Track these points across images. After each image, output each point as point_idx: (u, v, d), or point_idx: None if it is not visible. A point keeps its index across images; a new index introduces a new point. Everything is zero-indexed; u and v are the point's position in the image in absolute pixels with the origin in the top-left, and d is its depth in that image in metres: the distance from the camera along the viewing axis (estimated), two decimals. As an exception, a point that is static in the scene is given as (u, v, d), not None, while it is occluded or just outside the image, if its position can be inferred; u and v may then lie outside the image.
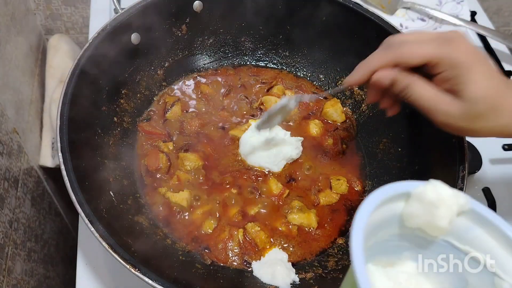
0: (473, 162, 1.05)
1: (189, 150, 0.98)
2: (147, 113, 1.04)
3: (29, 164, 1.26)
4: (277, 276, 0.82)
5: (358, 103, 1.09)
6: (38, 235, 1.27)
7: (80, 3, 1.55)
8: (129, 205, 0.86)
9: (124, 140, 0.96)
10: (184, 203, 0.89)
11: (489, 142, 1.13)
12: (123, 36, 0.93)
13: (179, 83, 1.11)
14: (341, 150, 1.04)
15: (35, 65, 1.44)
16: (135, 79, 1.01)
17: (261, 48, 1.17)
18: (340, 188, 0.97)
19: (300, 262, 0.88)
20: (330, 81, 1.14)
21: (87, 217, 0.68)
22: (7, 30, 1.23)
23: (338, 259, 0.87)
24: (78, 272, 0.88)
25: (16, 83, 1.25)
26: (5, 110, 1.14)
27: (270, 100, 1.08)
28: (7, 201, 1.09)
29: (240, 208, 0.92)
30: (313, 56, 1.14)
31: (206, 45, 1.13)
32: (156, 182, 0.94)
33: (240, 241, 0.87)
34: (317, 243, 0.91)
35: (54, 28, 1.62)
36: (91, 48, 0.86)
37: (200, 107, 1.07)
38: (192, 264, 0.83)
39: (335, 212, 0.95)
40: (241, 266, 0.85)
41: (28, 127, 1.30)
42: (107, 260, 0.88)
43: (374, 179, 1.00)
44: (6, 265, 1.04)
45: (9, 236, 1.08)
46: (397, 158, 0.98)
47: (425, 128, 0.94)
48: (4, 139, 1.11)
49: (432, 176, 0.86)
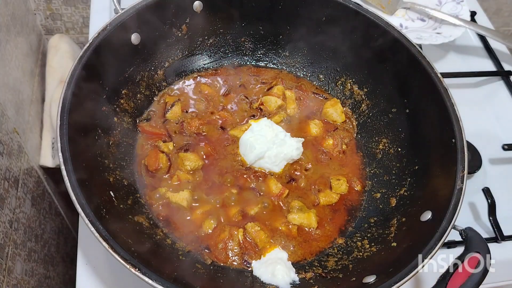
0: (473, 162, 1.05)
1: (189, 150, 0.98)
2: (147, 113, 1.04)
3: (29, 164, 1.26)
4: (277, 275, 0.82)
5: (358, 103, 1.09)
6: (38, 235, 1.27)
7: (80, 3, 1.55)
8: (129, 205, 0.86)
9: (124, 140, 0.96)
10: (184, 203, 0.89)
11: (489, 142, 1.14)
12: (123, 36, 0.93)
13: (179, 83, 1.11)
14: (341, 150, 1.04)
15: (35, 65, 1.44)
16: (135, 79, 1.01)
17: (261, 48, 1.17)
18: (340, 188, 0.98)
19: (300, 262, 0.88)
20: (330, 81, 1.14)
21: (87, 217, 0.68)
22: (7, 30, 1.23)
23: (338, 259, 0.87)
24: (78, 272, 0.88)
25: (16, 83, 1.25)
26: (5, 110, 1.14)
27: (270, 100, 1.08)
28: (7, 201, 1.09)
29: (240, 208, 0.92)
30: (313, 56, 1.14)
31: (206, 45, 1.13)
32: (156, 182, 0.94)
33: (240, 241, 0.87)
34: (317, 243, 0.91)
35: (54, 28, 1.62)
36: (91, 48, 0.86)
37: (200, 107, 1.07)
38: (192, 264, 0.83)
39: (335, 212, 0.95)
40: (241, 266, 0.85)
41: (28, 127, 1.30)
42: (107, 260, 0.88)
43: (374, 179, 1.00)
44: (6, 265, 1.04)
45: (9, 236, 1.08)
46: (397, 158, 0.98)
47: (425, 128, 0.94)
48: (4, 139, 1.11)
49: (432, 176, 0.87)
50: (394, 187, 0.95)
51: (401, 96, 0.99)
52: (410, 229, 0.83)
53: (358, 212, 0.96)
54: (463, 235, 0.75)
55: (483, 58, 1.36)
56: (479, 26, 1.30)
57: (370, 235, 0.90)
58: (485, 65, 1.34)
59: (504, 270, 0.97)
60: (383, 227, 0.89)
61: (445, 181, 0.81)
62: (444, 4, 1.34)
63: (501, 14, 1.99)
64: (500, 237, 0.98)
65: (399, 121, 1.00)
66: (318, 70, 1.15)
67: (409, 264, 0.70)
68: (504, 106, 1.25)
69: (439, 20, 1.30)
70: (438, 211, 0.77)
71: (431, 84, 0.90)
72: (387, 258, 0.81)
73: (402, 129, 0.99)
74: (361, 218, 0.95)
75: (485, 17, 1.47)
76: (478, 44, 1.40)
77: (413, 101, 0.97)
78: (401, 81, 1.00)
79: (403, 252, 0.79)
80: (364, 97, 1.08)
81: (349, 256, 0.87)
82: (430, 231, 0.74)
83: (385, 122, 1.03)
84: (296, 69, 1.17)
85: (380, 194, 0.97)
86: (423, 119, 0.95)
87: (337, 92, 1.13)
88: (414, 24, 1.32)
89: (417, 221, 0.81)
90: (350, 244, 0.90)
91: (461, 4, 1.32)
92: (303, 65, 1.16)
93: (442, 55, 1.35)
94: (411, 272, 0.69)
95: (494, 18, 1.98)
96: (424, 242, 0.72)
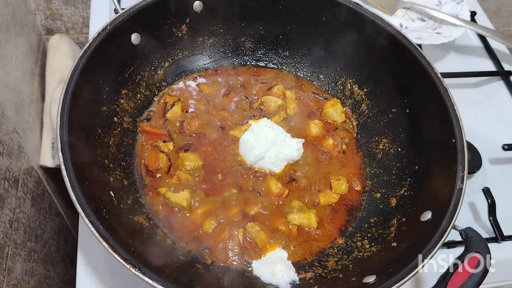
0: (473, 162, 1.05)
1: (189, 150, 0.98)
2: (147, 113, 1.04)
3: (29, 164, 1.26)
4: (277, 274, 0.82)
5: (358, 103, 1.09)
6: (38, 235, 1.27)
7: (80, 3, 1.55)
8: (129, 205, 0.86)
9: (124, 140, 0.96)
10: (184, 203, 0.89)
11: (489, 142, 1.14)
12: (123, 36, 0.93)
13: (179, 83, 1.11)
14: (341, 150, 1.04)
15: (35, 65, 1.44)
16: (135, 79, 1.01)
17: (261, 48, 1.17)
18: (340, 188, 0.98)
19: (300, 262, 0.88)
20: (330, 81, 1.14)
21: (87, 217, 0.68)
22: (7, 30, 1.23)
23: (338, 259, 0.87)
24: (78, 272, 0.88)
25: (16, 83, 1.25)
26: (5, 110, 1.14)
27: (270, 100, 1.08)
28: (7, 201, 1.09)
29: (240, 208, 0.92)
30: (313, 56, 1.14)
31: (206, 45, 1.13)
32: (156, 182, 0.94)
33: (240, 241, 0.87)
34: (317, 243, 0.91)
35: (54, 28, 1.62)
36: (91, 48, 0.86)
37: (200, 107, 1.07)
38: (192, 264, 0.83)
39: (335, 212, 0.95)
40: (241, 266, 0.85)
41: (28, 127, 1.30)
42: (107, 260, 0.88)
43: (374, 179, 1.00)
44: (6, 265, 1.04)
45: (9, 236, 1.08)
46: (397, 158, 0.98)
47: (425, 128, 0.94)
48: (4, 139, 1.11)
49: (432, 176, 0.87)
50: (394, 187, 0.95)
51: (401, 96, 0.99)
52: (410, 229, 0.83)
53: (358, 212, 0.96)
54: (463, 235, 0.75)
55: (483, 58, 1.36)
56: (479, 26, 1.30)
57: (370, 235, 0.90)
58: (485, 65, 1.34)
59: (504, 270, 0.97)
60: (383, 227, 0.89)
61: (445, 181, 0.81)
62: (444, 4, 1.34)
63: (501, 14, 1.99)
64: (500, 237, 0.98)
65: (399, 121, 1.00)
66: (318, 70, 1.15)
67: (409, 264, 0.70)
68: (504, 106, 1.26)
69: (439, 20, 1.30)
70: (438, 211, 0.77)
71: (431, 84, 0.90)
72: (387, 258, 0.81)
73: (402, 129, 0.99)
74: (361, 218, 0.95)
75: (485, 17, 1.47)
76: (478, 44, 1.40)
77: (413, 101, 0.97)
78: (401, 81, 1.00)
79: (403, 252, 0.79)
80: (364, 97, 1.08)
81: (349, 256, 0.87)
82: (430, 231, 0.74)
83: (385, 122, 1.03)
84: (296, 69, 1.17)
85: (380, 194, 0.97)
86: (423, 119, 0.95)
87: (337, 92, 1.13)
88: (414, 24, 1.32)
89: (417, 221, 0.81)
90: (350, 244, 0.90)
91: (461, 4, 1.32)
92: (303, 65, 1.17)
93: (442, 55, 1.35)
94: (411, 272, 0.69)
95: (494, 18, 1.98)
96: (424, 242, 0.72)
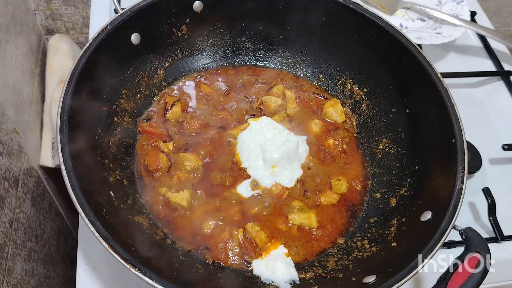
0: (473, 162, 1.05)
1: (189, 150, 0.98)
2: (147, 113, 1.04)
3: (29, 164, 1.26)
4: (277, 271, 0.82)
5: (358, 103, 1.09)
6: (38, 235, 1.27)
7: (80, 3, 1.55)
8: (129, 205, 0.86)
9: (124, 140, 0.96)
10: (184, 203, 0.89)
11: (489, 142, 1.14)
12: (123, 36, 0.93)
13: (179, 83, 1.11)
14: (341, 150, 1.04)
15: (35, 65, 1.44)
16: (135, 79, 1.01)
17: (261, 48, 1.17)
18: (341, 188, 0.97)
19: (301, 262, 0.88)
20: (330, 81, 1.14)
21: (87, 217, 0.68)
22: (7, 30, 1.23)
23: (338, 259, 0.87)
24: (78, 272, 0.88)
25: (16, 83, 1.25)
26: (5, 110, 1.14)
27: (270, 100, 1.08)
28: (7, 201, 1.09)
29: (240, 208, 0.92)
30: (313, 56, 1.14)
31: (206, 45, 1.13)
32: (156, 182, 0.94)
33: (240, 241, 0.87)
34: (318, 243, 0.91)
35: (54, 28, 1.62)
36: (91, 48, 0.86)
37: (200, 107, 1.07)
38: (192, 264, 0.83)
39: (335, 212, 0.95)
40: (241, 266, 0.85)
41: (28, 127, 1.30)
42: (107, 260, 0.88)
43: (374, 179, 1.00)
44: (6, 265, 1.04)
45: (9, 236, 1.08)
46: (397, 158, 0.98)
47: (425, 128, 0.94)
48: (4, 139, 1.11)
49: (432, 176, 0.87)
50: (394, 187, 0.95)
51: (401, 96, 0.99)
52: (410, 229, 0.83)
53: (358, 212, 0.96)
54: (463, 235, 0.75)
55: (483, 58, 1.36)
56: (479, 26, 1.30)
57: (370, 235, 0.90)
58: (485, 65, 1.34)
59: (504, 270, 0.97)
60: (383, 227, 0.89)
61: (445, 181, 0.81)
62: (444, 4, 1.33)
63: (501, 14, 1.99)
64: (500, 237, 0.98)
65: (399, 121, 1.00)
66: (318, 70, 1.15)
67: (409, 264, 0.70)
68: (504, 106, 1.25)
69: (439, 20, 1.30)
70: (438, 211, 0.77)
71: (431, 84, 0.90)
72: (387, 258, 0.81)
73: (402, 129, 0.99)
74: (361, 218, 0.95)
75: (485, 17, 1.47)
76: (478, 44, 1.40)
77: (413, 101, 0.97)
78: (401, 81, 1.00)
79: (403, 252, 0.79)
80: (364, 97, 1.08)
81: (349, 256, 0.87)
82: (430, 231, 0.74)
83: (385, 122, 1.03)
84: (296, 69, 1.17)
85: (380, 194, 0.97)
86: (423, 119, 0.95)
87: (337, 92, 1.13)
88: (414, 24, 1.32)
89: (417, 221, 0.81)
90: (350, 244, 0.90)
91: (461, 4, 1.32)
92: (303, 65, 1.17)
93: (442, 55, 1.35)
94: (411, 272, 0.69)
95: (494, 18, 1.98)
96: (424, 242, 0.72)
